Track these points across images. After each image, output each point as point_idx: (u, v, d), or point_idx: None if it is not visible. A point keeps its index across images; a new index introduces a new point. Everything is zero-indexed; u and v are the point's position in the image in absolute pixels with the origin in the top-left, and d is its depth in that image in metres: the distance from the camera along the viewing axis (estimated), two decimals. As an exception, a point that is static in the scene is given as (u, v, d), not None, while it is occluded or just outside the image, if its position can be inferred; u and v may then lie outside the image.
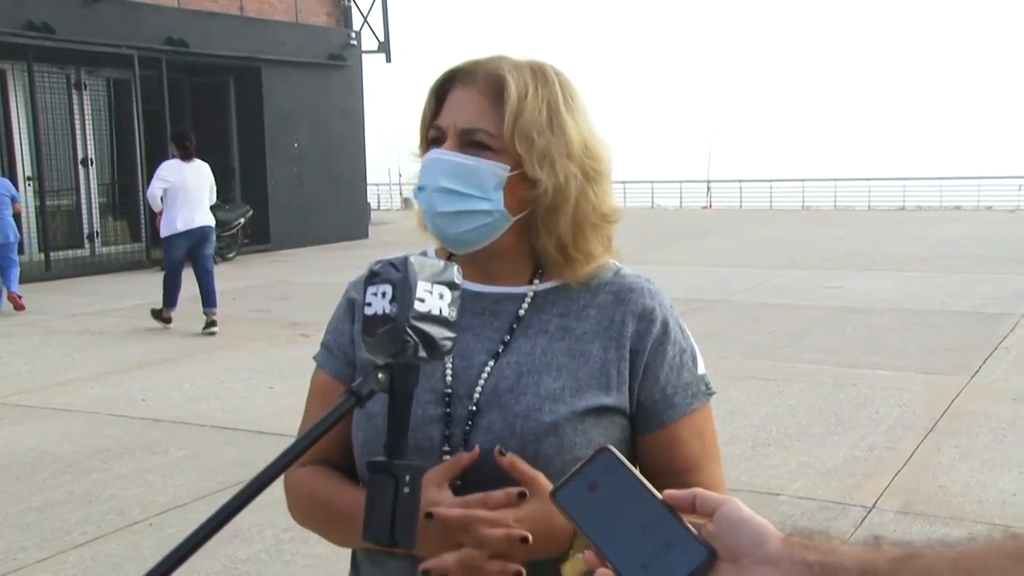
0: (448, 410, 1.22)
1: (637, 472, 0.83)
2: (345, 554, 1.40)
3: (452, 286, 0.97)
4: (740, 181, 29.29)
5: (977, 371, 6.76)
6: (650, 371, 1.26)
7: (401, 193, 28.58)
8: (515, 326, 1.27)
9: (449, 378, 1.23)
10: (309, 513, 1.33)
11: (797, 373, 6.81)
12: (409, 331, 0.92)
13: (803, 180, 28.60)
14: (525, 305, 1.29)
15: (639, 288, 1.30)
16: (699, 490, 0.81)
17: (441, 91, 1.27)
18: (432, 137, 1.27)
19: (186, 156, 8.86)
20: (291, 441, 0.88)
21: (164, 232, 8.92)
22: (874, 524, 4.08)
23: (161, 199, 8.79)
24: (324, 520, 1.31)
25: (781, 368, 7.00)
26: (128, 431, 5.70)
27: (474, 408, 1.22)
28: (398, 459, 0.91)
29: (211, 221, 9.12)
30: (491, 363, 1.25)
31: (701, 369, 1.30)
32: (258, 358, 7.70)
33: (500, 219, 1.24)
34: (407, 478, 0.90)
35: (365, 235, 18.21)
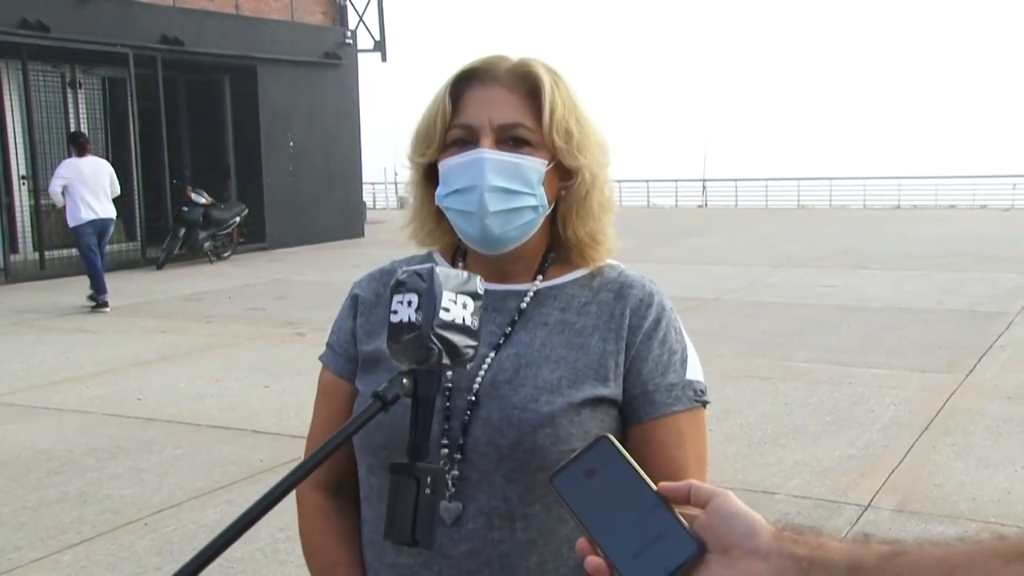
0: (448, 403, 1.23)
1: (634, 462, 0.84)
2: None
3: (475, 296, 1.00)
4: (736, 180, 29.30)
5: (972, 369, 6.77)
6: (635, 365, 1.26)
7: (397, 192, 28.55)
8: (516, 319, 1.29)
9: (450, 371, 1.24)
10: (307, 559, 1.37)
11: (792, 371, 6.82)
12: (434, 339, 0.95)
13: (799, 179, 28.61)
14: (527, 299, 1.30)
15: (639, 285, 1.32)
16: (694, 482, 0.82)
17: (456, 91, 1.27)
18: (456, 138, 1.26)
19: (81, 152, 9.96)
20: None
21: (72, 223, 9.98)
22: (869, 522, 4.08)
23: (63, 194, 9.79)
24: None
25: (776, 366, 7.01)
26: (123, 430, 5.69)
27: (473, 399, 1.23)
28: (420, 461, 0.94)
29: (112, 214, 10.24)
30: (491, 355, 1.26)
31: (692, 375, 1.29)
32: (254, 357, 7.69)
33: (541, 214, 1.27)
34: (428, 480, 0.94)
35: (361, 234, 18.20)
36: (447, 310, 0.96)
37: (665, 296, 1.33)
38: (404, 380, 0.94)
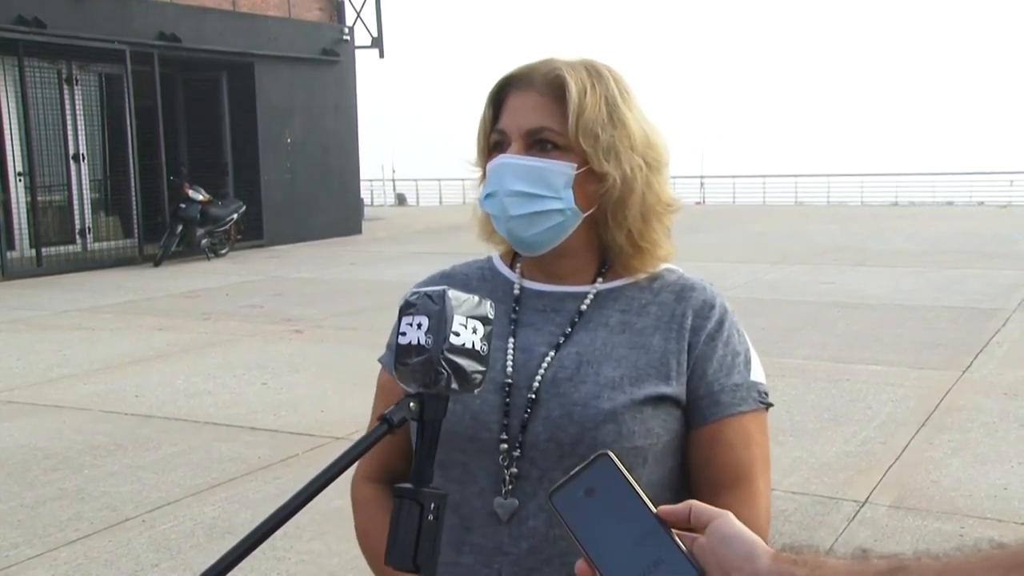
0: (507, 400, 1.24)
1: (635, 482, 0.82)
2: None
3: (486, 321, 0.99)
4: (733, 177, 29.32)
5: (969, 366, 6.78)
6: (699, 366, 1.27)
7: (395, 189, 28.57)
8: (576, 320, 1.30)
9: (510, 368, 1.26)
10: (364, 549, 1.37)
11: (790, 368, 6.82)
12: (443, 363, 0.94)
13: (796, 176, 28.64)
14: (587, 301, 1.31)
15: (700, 287, 1.34)
16: (694, 503, 0.81)
17: (498, 98, 1.30)
18: (494, 142, 1.29)
19: None
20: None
21: None
22: (867, 518, 4.09)
23: None
24: (369, 561, 1.36)
25: (774, 363, 7.00)
26: (120, 427, 5.69)
27: (533, 396, 1.24)
28: (424, 486, 0.94)
29: None
30: (551, 353, 1.27)
31: (756, 377, 1.30)
32: (251, 354, 7.69)
33: (572, 217, 1.27)
34: (432, 506, 0.93)
35: (359, 231, 18.19)
36: (457, 334, 0.95)
37: (724, 299, 1.35)
38: (411, 404, 0.94)
